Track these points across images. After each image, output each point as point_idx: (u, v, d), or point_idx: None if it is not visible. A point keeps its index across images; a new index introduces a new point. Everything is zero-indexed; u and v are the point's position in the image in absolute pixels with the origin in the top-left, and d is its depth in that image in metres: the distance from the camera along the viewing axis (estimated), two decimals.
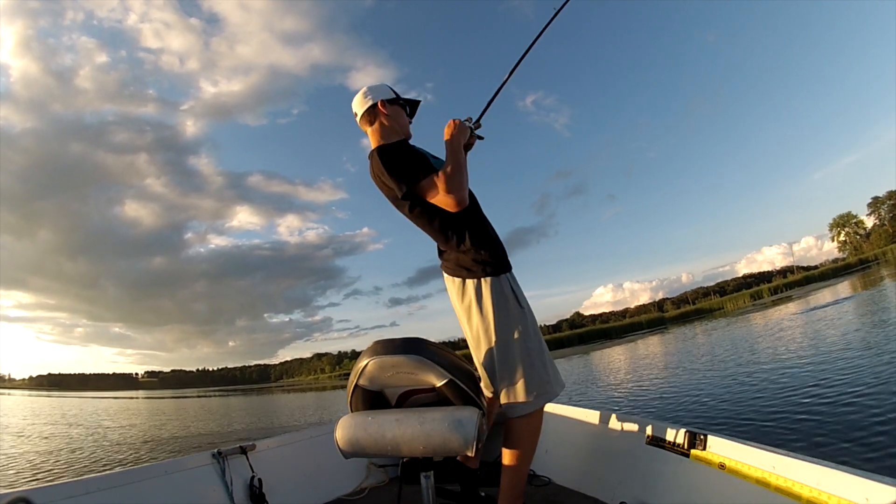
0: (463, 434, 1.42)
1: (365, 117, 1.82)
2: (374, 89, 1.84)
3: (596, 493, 2.08)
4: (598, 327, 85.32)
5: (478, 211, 1.78)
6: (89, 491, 1.66)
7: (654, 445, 1.91)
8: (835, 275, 58.60)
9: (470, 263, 1.67)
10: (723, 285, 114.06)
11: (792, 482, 1.34)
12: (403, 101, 1.87)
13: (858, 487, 1.18)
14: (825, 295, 27.82)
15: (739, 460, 1.54)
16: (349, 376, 1.61)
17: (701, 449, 1.70)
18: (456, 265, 1.70)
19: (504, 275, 1.69)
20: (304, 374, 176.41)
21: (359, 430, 1.53)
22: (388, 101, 1.81)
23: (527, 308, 1.70)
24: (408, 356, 1.49)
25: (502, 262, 1.70)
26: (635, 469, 1.96)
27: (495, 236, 1.77)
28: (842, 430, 4.25)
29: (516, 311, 1.66)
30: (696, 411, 6.24)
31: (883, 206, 72.52)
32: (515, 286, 1.71)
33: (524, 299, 1.71)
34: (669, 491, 1.78)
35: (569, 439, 2.42)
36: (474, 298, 1.66)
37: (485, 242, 1.69)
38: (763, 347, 11.78)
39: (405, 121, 1.86)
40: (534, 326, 1.70)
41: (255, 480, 2.10)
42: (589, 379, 14.07)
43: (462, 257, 1.69)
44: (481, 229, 1.72)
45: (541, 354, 1.67)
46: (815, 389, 5.90)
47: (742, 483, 1.50)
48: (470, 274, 1.67)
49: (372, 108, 1.80)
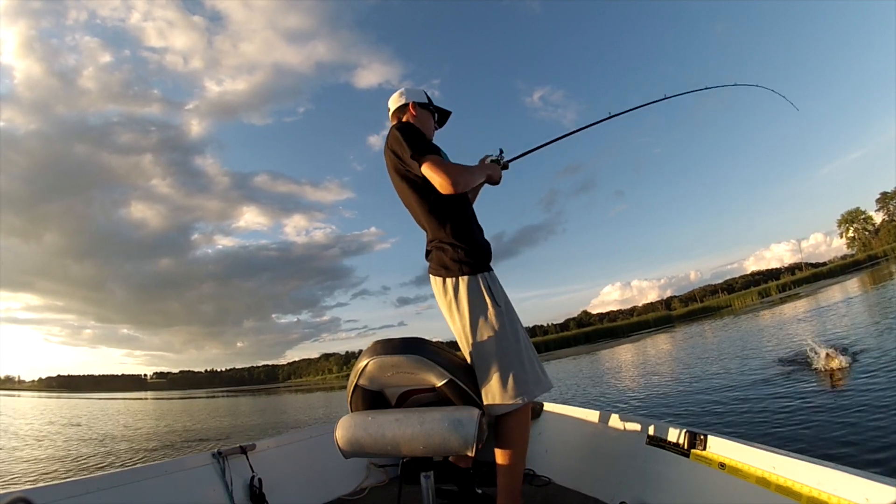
0: (463, 434, 1.43)
1: (395, 114, 1.98)
2: (410, 92, 1.99)
3: (596, 493, 2.08)
4: (605, 326, 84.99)
5: (466, 209, 1.84)
6: (89, 491, 1.67)
7: (654, 445, 1.91)
8: (843, 271, 58.10)
9: (449, 262, 1.72)
10: (731, 283, 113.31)
11: (792, 482, 1.33)
12: (434, 108, 2.02)
13: (858, 487, 1.17)
14: (833, 292, 27.59)
15: (739, 460, 1.53)
16: (349, 376, 1.62)
17: (701, 449, 1.69)
18: (437, 265, 1.76)
19: (481, 274, 1.72)
20: (312, 374, 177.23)
21: (359, 429, 1.53)
22: (419, 104, 1.97)
23: (504, 307, 1.71)
24: (408, 356, 1.50)
25: (481, 261, 1.74)
26: (635, 469, 1.96)
27: (479, 237, 1.82)
28: (842, 431, 4.22)
29: (493, 309, 1.68)
30: (697, 411, 6.21)
31: (891, 201, 71.66)
32: (493, 285, 1.73)
33: (502, 298, 1.73)
34: (669, 491, 1.77)
35: (569, 439, 2.43)
36: (453, 297, 1.70)
37: (465, 240, 1.74)
38: (765, 345, 11.72)
39: (431, 125, 2.00)
40: (512, 325, 1.70)
41: (255, 480, 2.11)
42: (592, 378, 14.07)
43: (442, 256, 1.74)
44: (465, 226, 1.78)
45: (518, 354, 1.66)
46: (815, 390, 5.88)
47: (742, 483, 1.49)
48: (448, 273, 1.72)
49: (403, 107, 1.96)
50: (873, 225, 76.21)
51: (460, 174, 1.66)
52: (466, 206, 1.85)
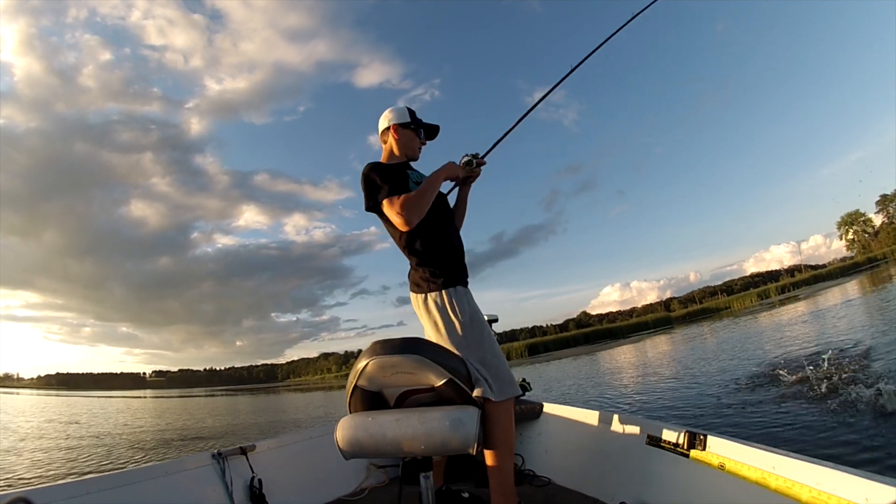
0: (464, 433, 1.44)
1: (382, 135, 2.07)
2: (394, 113, 2.04)
3: (596, 493, 2.08)
4: (604, 327, 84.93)
5: (437, 229, 1.92)
6: (89, 491, 1.67)
7: (654, 445, 1.91)
8: (842, 274, 58.01)
9: (419, 280, 1.88)
10: (730, 284, 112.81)
11: (792, 482, 1.34)
12: (416, 126, 2.05)
13: (858, 487, 1.17)
14: (832, 294, 27.62)
15: (739, 460, 1.53)
16: (348, 377, 1.62)
17: (701, 449, 1.69)
18: (412, 282, 1.92)
19: (450, 289, 1.83)
20: (311, 373, 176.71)
21: (359, 430, 1.53)
22: (401, 125, 2.02)
23: (468, 320, 1.81)
24: (407, 356, 1.50)
25: (450, 277, 1.86)
26: (635, 469, 1.96)
27: (450, 254, 1.93)
28: (842, 431, 4.22)
29: (457, 321, 1.79)
30: (696, 412, 6.21)
31: (891, 203, 71.51)
32: (459, 300, 1.83)
33: (469, 312, 1.83)
34: (669, 491, 1.77)
35: (569, 439, 2.43)
36: (424, 311, 1.85)
37: (435, 260, 1.88)
38: (763, 346, 11.72)
39: (415, 144, 2.06)
40: (474, 335, 1.79)
41: (255, 481, 2.11)
42: (591, 379, 14.11)
43: (415, 275, 1.90)
44: (432, 248, 1.89)
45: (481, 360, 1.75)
46: (814, 390, 5.87)
47: (742, 483, 1.49)
48: (419, 289, 1.87)
49: (387, 130, 2.04)
50: (873, 227, 76.13)
51: (411, 208, 1.74)
52: (434, 228, 1.91)
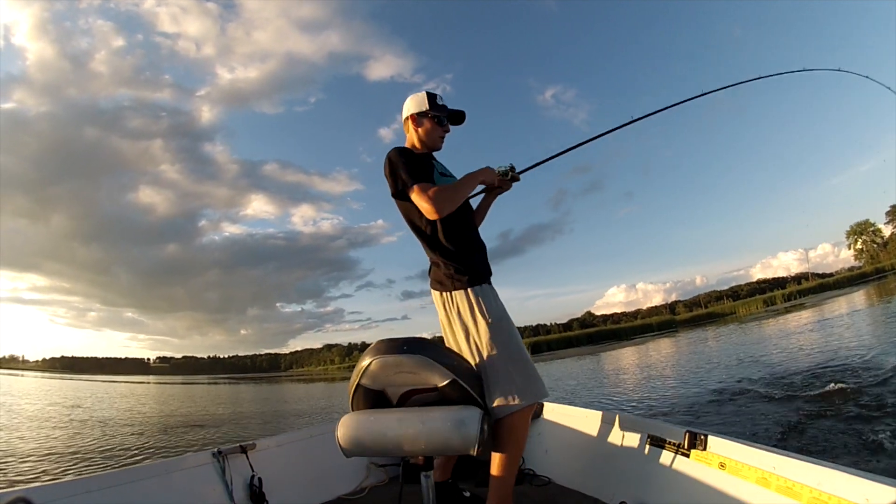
0: (465, 433, 1.44)
1: (404, 125, 2.01)
2: (412, 102, 1.96)
3: (596, 493, 2.09)
4: (609, 328, 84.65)
5: (459, 227, 1.86)
6: (89, 490, 1.67)
7: (654, 445, 1.92)
8: (850, 283, 57.60)
9: (443, 277, 1.82)
10: (736, 289, 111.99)
11: (792, 482, 1.34)
12: (436, 113, 1.94)
13: (858, 487, 1.18)
14: (839, 303, 27.40)
15: (739, 460, 1.54)
16: (351, 374, 1.62)
17: (701, 449, 1.70)
18: (434, 279, 1.88)
19: (475, 287, 1.79)
20: (314, 364, 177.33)
21: (361, 429, 1.54)
22: (419, 114, 1.94)
23: (496, 318, 1.76)
24: (411, 356, 1.50)
25: (474, 275, 1.81)
26: (635, 469, 1.96)
27: (471, 253, 1.86)
28: (842, 431, 4.23)
29: (483, 321, 1.74)
30: (697, 412, 6.22)
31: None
32: (485, 298, 1.78)
33: (494, 310, 1.78)
34: (669, 491, 1.78)
35: (569, 439, 2.43)
36: (450, 310, 1.81)
37: (456, 258, 1.81)
38: (767, 351, 11.70)
39: (436, 133, 1.96)
40: (502, 335, 1.74)
41: (255, 480, 2.10)
42: (594, 379, 14.09)
43: (437, 272, 1.85)
44: (457, 244, 1.83)
45: (507, 362, 1.71)
46: (815, 390, 5.89)
47: (742, 483, 1.50)
48: (443, 287, 1.83)
49: (407, 119, 1.98)
50: (882, 238, 75.23)
51: (444, 199, 1.70)
52: (460, 223, 1.87)
